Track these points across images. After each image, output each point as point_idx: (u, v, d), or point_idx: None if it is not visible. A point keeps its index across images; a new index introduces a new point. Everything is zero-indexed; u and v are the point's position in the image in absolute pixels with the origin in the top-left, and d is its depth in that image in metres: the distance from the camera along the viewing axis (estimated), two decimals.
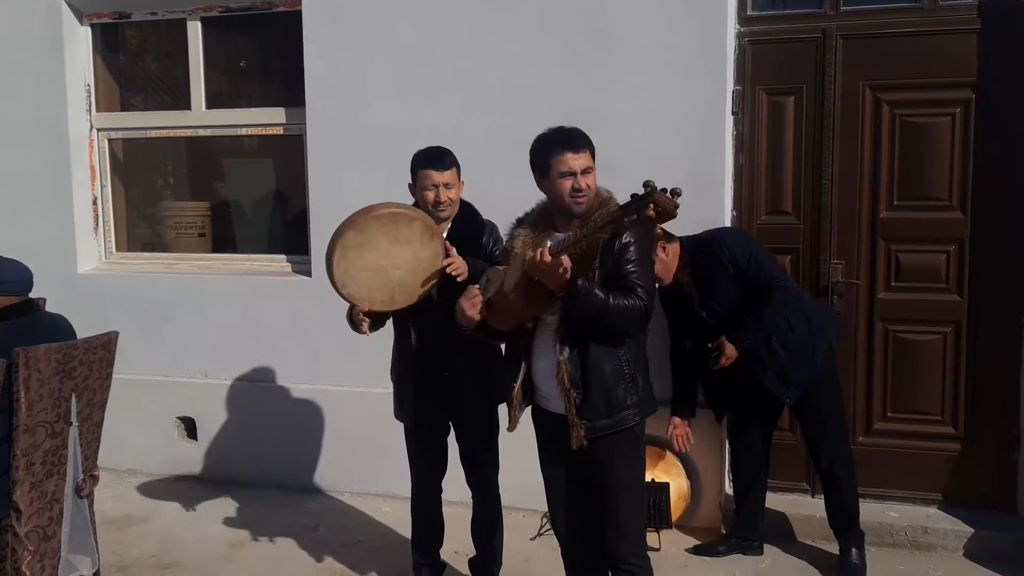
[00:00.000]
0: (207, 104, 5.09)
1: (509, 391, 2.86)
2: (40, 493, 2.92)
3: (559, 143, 2.73)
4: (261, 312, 4.83)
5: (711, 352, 3.62)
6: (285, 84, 5.04)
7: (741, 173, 4.18)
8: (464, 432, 3.42)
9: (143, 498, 4.75)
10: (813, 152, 4.10)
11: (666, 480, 4.09)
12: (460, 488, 3.46)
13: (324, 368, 4.73)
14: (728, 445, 4.12)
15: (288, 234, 5.27)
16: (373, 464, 4.60)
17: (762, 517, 3.95)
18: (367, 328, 3.16)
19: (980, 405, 4.02)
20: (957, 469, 4.06)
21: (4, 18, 5.06)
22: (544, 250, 2.53)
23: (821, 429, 3.71)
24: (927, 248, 4.03)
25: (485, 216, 3.39)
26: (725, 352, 3.58)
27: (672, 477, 4.13)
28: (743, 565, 3.85)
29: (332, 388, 4.75)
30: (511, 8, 4.30)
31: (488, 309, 2.77)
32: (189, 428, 5.04)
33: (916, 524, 3.96)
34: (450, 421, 3.43)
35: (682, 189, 2.44)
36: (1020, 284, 3.93)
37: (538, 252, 2.53)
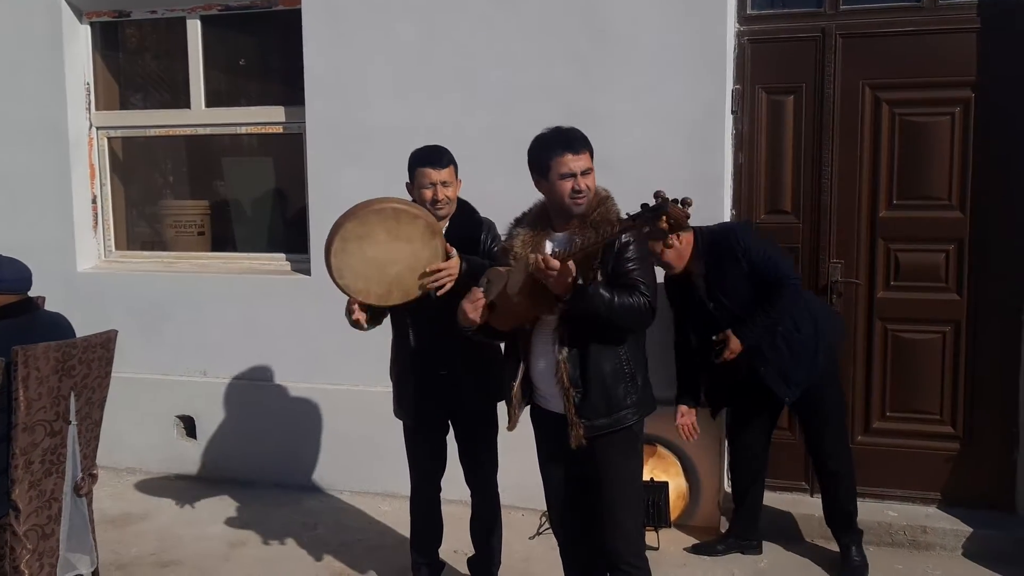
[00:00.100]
0: (206, 102, 5.09)
1: (508, 390, 2.86)
2: (39, 492, 2.92)
3: (559, 144, 2.72)
4: (260, 311, 4.83)
5: (715, 345, 3.62)
6: (285, 83, 5.03)
7: (740, 172, 4.18)
8: (463, 431, 3.41)
9: (142, 496, 4.76)
10: (812, 151, 4.10)
11: (665, 479, 4.10)
12: (459, 487, 3.46)
13: (323, 367, 4.73)
14: (727, 444, 4.13)
15: (287, 233, 5.26)
16: (372, 463, 4.60)
17: (760, 516, 3.95)
18: (364, 320, 3.15)
19: (979, 404, 4.02)
20: (956, 468, 4.06)
21: (3, 16, 5.06)
22: (549, 256, 2.52)
23: (822, 428, 3.70)
24: (926, 247, 4.03)
25: (485, 215, 3.39)
26: (730, 346, 3.57)
27: (671, 476, 4.13)
28: (742, 564, 3.85)
29: (331, 387, 4.74)
30: (511, 7, 4.30)
31: (490, 311, 2.77)
32: (188, 427, 5.04)
33: (915, 523, 3.96)
34: (449, 420, 3.43)
35: (692, 199, 2.42)
36: (1019, 283, 3.93)
37: (541, 258, 2.51)
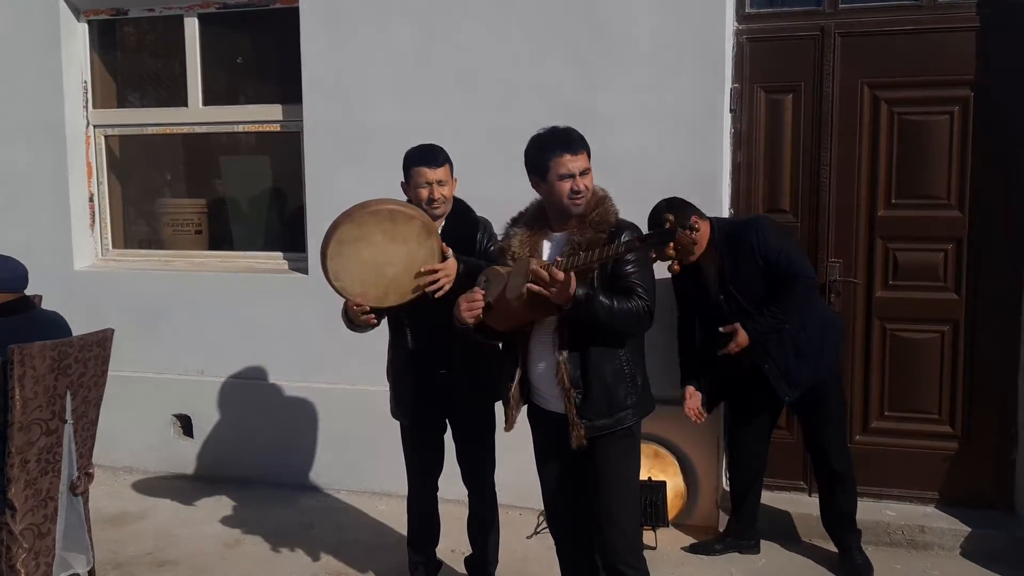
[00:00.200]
0: (204, 101, 5.08)
1: (506, 390, 2.86)
2: (35, 491, 2.91)
3: (557, 145, 2.71)
4: (257, 310, 4.82)
5: (722, 336, 3.57)
6: (282, 81, 5.02)
7: (739, 171, 4.17)
8: (461, 431, 3.41)
9: (139, 496, 4.75)
10: (811, 150, 4.09)
11: (663, 478, 4.09)
12: (456, 486, 3.46)
13: (320, 366, 4.72)
14: (726, 443, 4.12)
15: (285, 232, 5.26)
16: (369, 462, 4.59)
17: (758, 516, 3.94)
18: (373, 320, 3.11)
19: (978, 404, 4.02)
20: (954, 468, 4.06)
21: (1, 14, 5.04)
22: (552, 267, 2.51)
23: (823, 427, 3.70)
24: (925, 246, 4.02)
25: (484, 215, 3.38)
26: (737, 339, 3.53)
27: (669, 475, 4.12)
28: (740, 563, 3.85)
29: (328, 386, 4.74)
30: (511, 7, 4.29)
31: (487, 311, 2.76)
32: (185, 426, 5.03)
33: (913, 523, 3.96)
34: (446, 420, 3.42)
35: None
36: (1018, 283, 3.92)
37: (543, 271, 2.49)
